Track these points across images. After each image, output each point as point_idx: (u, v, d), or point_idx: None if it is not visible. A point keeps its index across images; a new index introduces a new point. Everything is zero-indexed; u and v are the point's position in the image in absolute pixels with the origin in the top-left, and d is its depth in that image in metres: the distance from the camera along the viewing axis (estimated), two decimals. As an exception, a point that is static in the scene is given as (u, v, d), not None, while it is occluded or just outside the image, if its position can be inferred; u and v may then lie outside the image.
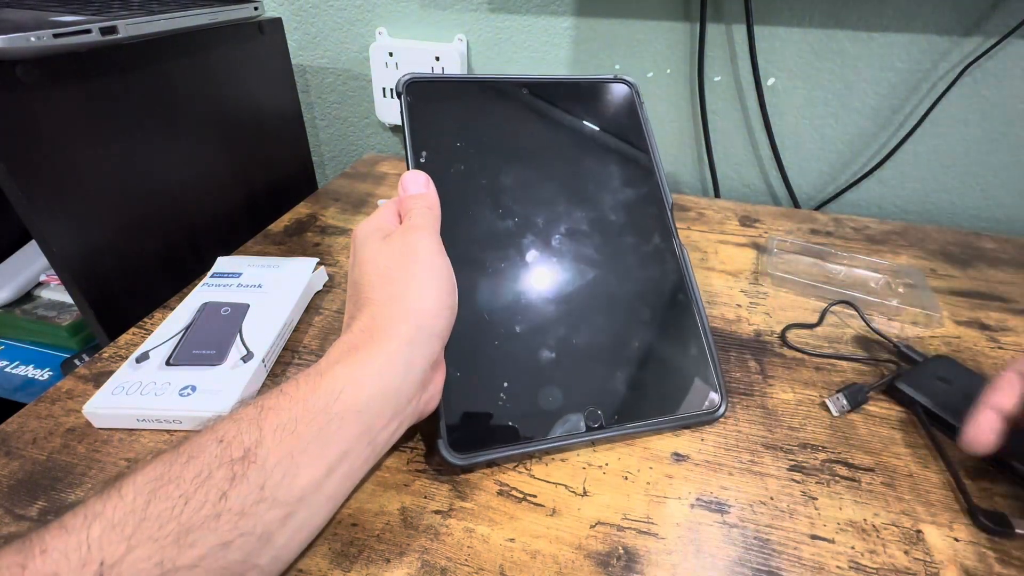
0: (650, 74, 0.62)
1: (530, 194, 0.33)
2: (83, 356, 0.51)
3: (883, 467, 0.29)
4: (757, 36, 0.56)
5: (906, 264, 0.48)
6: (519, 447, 0.28)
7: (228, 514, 0.18)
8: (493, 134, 0.33)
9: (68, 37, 0.35)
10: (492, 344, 0.29)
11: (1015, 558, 0.25)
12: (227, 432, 0.20)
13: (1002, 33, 0.51)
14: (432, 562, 0.24)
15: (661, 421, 0.30)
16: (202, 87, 0.49)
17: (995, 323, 0.41)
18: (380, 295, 0.25)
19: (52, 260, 0.38)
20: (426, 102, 0.32)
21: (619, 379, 0.30)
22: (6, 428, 0.30)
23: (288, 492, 0.20)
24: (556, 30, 0.62)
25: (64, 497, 0.26)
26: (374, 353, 0.23)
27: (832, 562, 0.25)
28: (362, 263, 0.27)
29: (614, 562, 0.24)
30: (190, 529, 0.18)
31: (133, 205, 0.43)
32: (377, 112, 0.71)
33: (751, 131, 0.63)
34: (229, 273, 0.40)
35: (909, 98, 0.57)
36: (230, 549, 0.18)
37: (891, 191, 0.63)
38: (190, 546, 0.17)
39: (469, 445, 0.27)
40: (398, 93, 0.32)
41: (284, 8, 0.68)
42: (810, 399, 0.34)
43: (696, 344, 0.32)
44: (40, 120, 0.36)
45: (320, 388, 0.22)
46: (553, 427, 0.28)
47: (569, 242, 0.32)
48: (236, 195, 0.55)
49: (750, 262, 0.48)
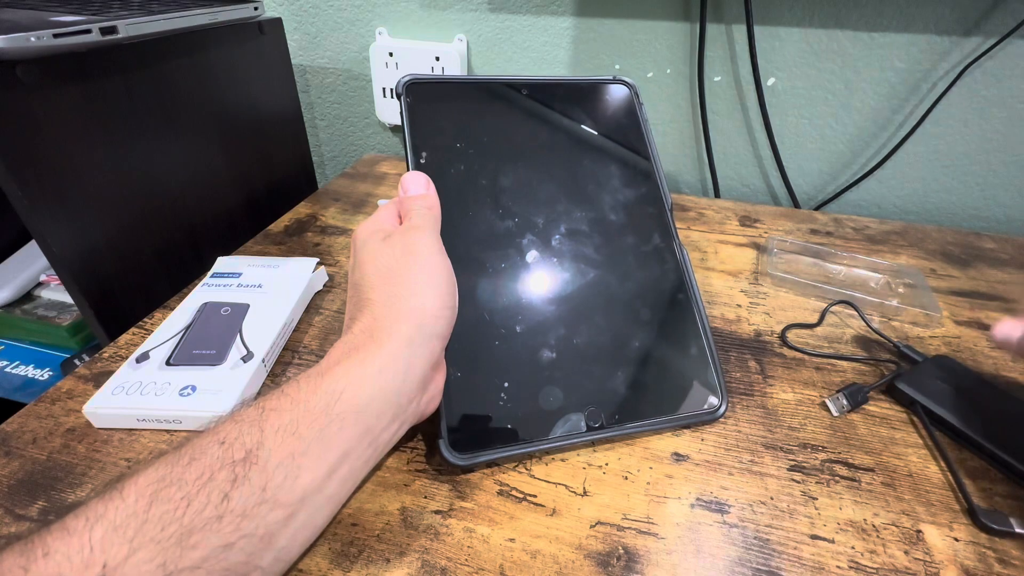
0: (650, 74, 0.62)
1: (530, 194, 0.33)
2: (83, 356, 0.51)
3: (883, 467, 0.29)
4: (757, 36, 0.56)
5: (906, 264, 0.48)
6: (520, 447, 0.28)
7: (230, 515, 0.18)
8: (493, 135, 0.33)
9: (68, 37, 0.35)
10: (493, 344, 0.29)
11: (1015, 558, 0.25)
12: (228, 434, 0.20)
13: (1002, 33, 0.51)
14: (432, 562, 0.24)
15: (662, 421, 0.30)
16: (202, 87, 0.49)
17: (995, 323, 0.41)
18: (380, 295, 0.25)
19: (52, 260, 0.38)
20: (426, 103, 0.32)
21: (619, 379, 0.30)
22: (6, 428, 0.30)
23: (290, 493, 0.20)
24: (556, 30, 0.62)
25: (64, 497, 0.26)
26: (374, 353, 0.23)
27: (832, 562, 0.25)
28: (362, 264, 0.27)
29: (614, 562, 0.24)
30: (192, 531, 0.18)
31: (133, 205, 0.43)
32: (377, 112, 0.71)
33: (751, 131, 0.63)
34: (229, 273, 0.40)
35: (909, 98, 0.57)
36: (232, 550, 0.18)
37: (891, 191, 0.63)
38: (192, 548, 0.17)
39: (470, 445, 0.27)
40: (398, 94, 0.32)
41: (284, 8, 0.68)
42: (810, 399, 0.34)
43: (696, 344, 0.32)
44: (40, 120, 0.36)
45: (321, 389, 0.22)
46: (554, 427, 0.28)
47: (569, 242, 0.32)
48: (236, 195, 0.55)
49: (750, 262, 0.48)
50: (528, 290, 0.31)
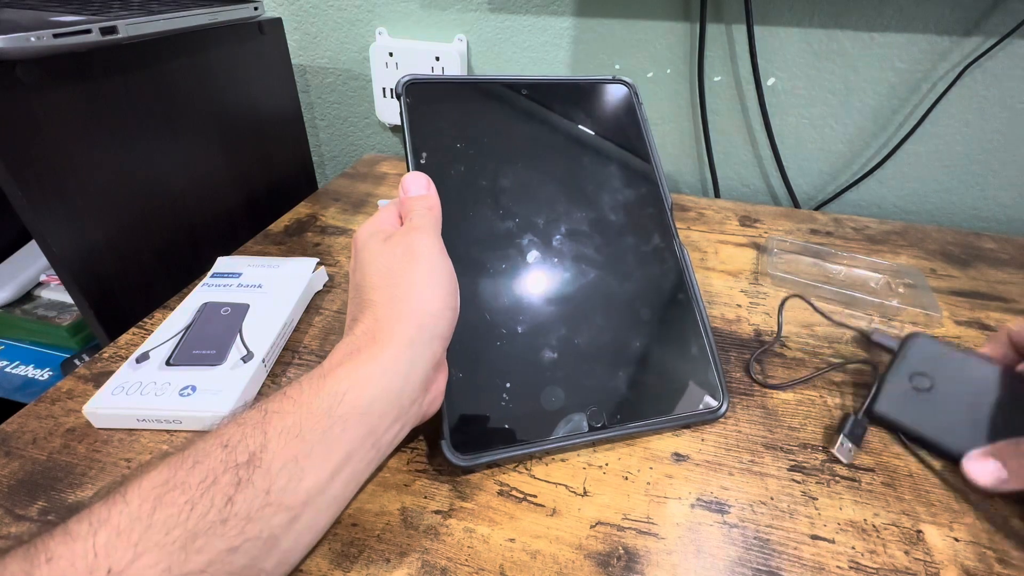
0: (650, 74, 0.62)
1: (530, 195, 0.33)
2: (83, 356, 0.51)
3: (883, 467, 0.29)
4: (757, 36, 0.56)
5: (906, 264, 0.48)
6: (522, 447, 0.28)
7: (235, 519, 0.18)
8: (493, 135, 0.33)
9: (68, 37, 0.35)
10: (494, 345, 0.29)
11: (1015, 558, 0.25)
12: (232, 437, 0.20)
13: (1002, 33, 0.51)
14: (432, 562, 0.24)
15: (663, 420, 0.30)
16: (202, 87, 0.49)
17: (995, 323, 0.41)
18: (382, 296, 0.25)
19: (52, 260, 0.38)
20: (426, 104, 0.32)
21: (621, 379, 0.30)
22: (6, 428, 0.30)
23: (293, 496, 0.20)
24: (556, 30, 0.62)
25: (64, 497, 0.26)
26: (376, 355, 0.23)
27: (832, 562, 0.25)
28: (363, 265, 0.27)
29: (614, 562, 0.24)
30: (197, 535, 0.18)
31: (133, 205, 0.43)
32: (377, 112, 0.71)
33: (751, 131, 0.63)
34: (229, 273, 0.40)
35: (909, 98, 0.57)
36: (237, 554, 0.18)
37: (891, 191, 0.63)
38: (197, 552, 0.17)
39: (472, 446, 0.27)
40: (397, 94, 0.32)
41: (284, 8, 0.68)
42: (810, 399, 0.34)
43: (697, 343, 0.32)
44: (40, 120, 0.36)
45: (324, 391, 0.22)
46: (556, 427, 0.28)
47: (570, 242, 0.32)
48: (236, 195, 0.55)
49: (750, 262, 0.48)
50: (529, 290, 0.31)
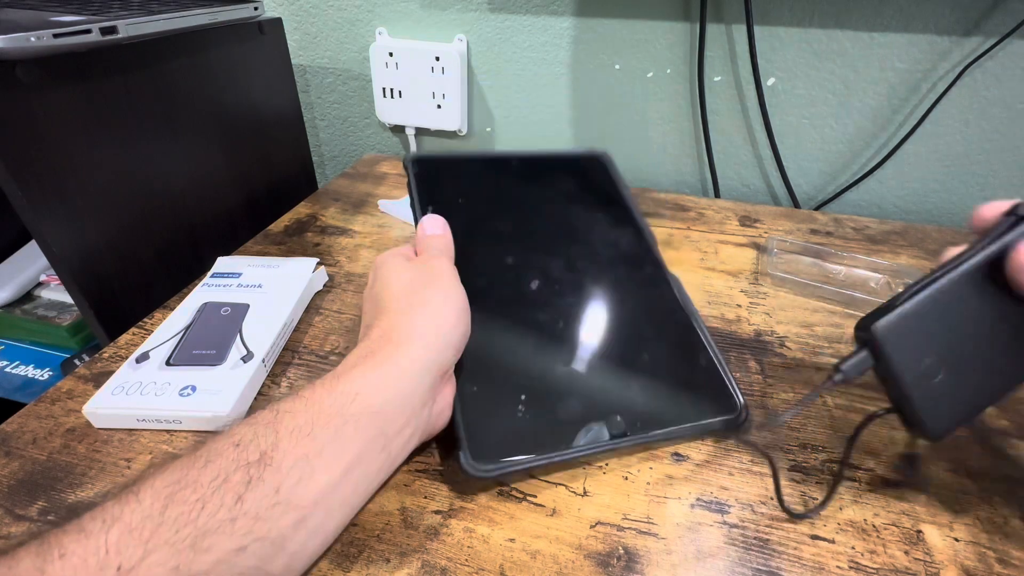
0: (650, 74, 0.62)
1: (531, 242, 0.36)
2: (83, 356, 0.51)
3: (883, 467, 0.29)
4: (757, 36, 0.56)
5: (906, 264, 0.48)
6: (542, 458, 0.27)
7: (244, 518, 0.19)
8: (490, 198, 0.38)
9: (68, 37, 0.35)
10: (509, 359, 0.30)
11: (1015, 558, 0.25)
12: (243, 436, 0.20)
13: (1002, 33, 0.51)
14: (432, 562, 0.24)
15: (683, 428, 0.30)
16: (202, 87, 0.49)
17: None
18: (400, 305, 0.26)
19: (52, 260, 0.38)
20: (430, 172, 0.36)
21: (637, 390, 0.31)
22: (6, 428, 0.30)
23: (303, 495, 0.20)
24: (556, 30, 0.62)
25: (64, 497, 0.26)
26: (391, 355, 0.24)
27: (832, 562, 0.25)
28: (384, 278, 0.28)
29: (614, 562, 0.24)
30: (206, 533, 0.18)
31: (133, 205, 0.43)
32: (377, 112, 0.71)
33: (751, 131, 0.63)
34: (229, 273, 0.40)
35: (909, 98, 0.57)
36: (244, 554, 0.18)
37: (891, 191, 0.63)
38: (205, 551, 0.18)
39: (490, 456, 0.27)
40: (405, 167, 0.36)
41: (284, 8, 0.68)
42: (810, 399, 0.34)
43: (704, 356, 0.33)
44: (40, 120, 0.36)
45: (336, 391, 0.22)
46: (575, 437, 0.28)
47: (570, 275, 0.35)
48: (236, 195, 0.55)
49: (750, 262, 0.48)
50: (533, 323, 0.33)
